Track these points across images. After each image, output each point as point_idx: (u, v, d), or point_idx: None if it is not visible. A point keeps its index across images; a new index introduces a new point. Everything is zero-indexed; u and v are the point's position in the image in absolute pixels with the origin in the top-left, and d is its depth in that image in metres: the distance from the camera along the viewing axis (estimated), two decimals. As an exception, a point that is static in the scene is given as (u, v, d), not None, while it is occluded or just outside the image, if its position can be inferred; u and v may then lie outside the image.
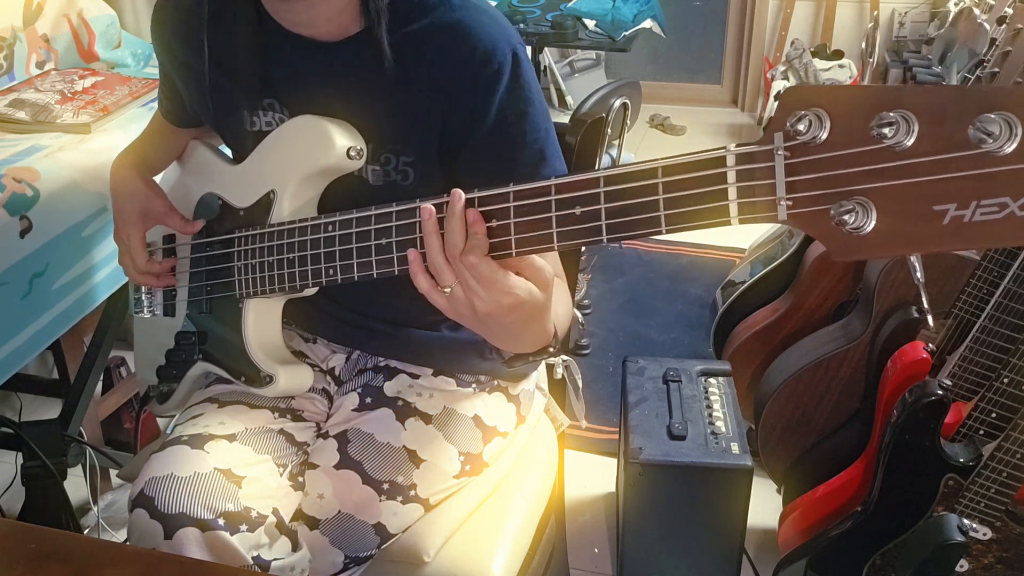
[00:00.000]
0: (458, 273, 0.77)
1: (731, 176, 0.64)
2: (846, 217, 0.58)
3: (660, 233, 0.68)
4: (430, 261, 0.78)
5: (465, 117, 0.95)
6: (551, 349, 0.88)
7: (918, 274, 1.43)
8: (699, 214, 0.66)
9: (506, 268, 0.77)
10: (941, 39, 1.42)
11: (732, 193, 0.64)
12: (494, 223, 0.76)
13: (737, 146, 0.64)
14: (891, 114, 0.56)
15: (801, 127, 0.59)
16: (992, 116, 0.53)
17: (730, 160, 0.64)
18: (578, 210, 0.71)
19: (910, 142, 0.56)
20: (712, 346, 2.14)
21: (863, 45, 2.37)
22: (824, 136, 0.59)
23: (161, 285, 1.15)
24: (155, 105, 1.21)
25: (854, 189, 0.58)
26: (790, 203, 0.61)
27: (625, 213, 0.70)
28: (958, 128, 0.54)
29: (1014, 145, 0.52)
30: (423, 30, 0.94)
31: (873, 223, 0.58)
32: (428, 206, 0.78)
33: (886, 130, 0.56)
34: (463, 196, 0.76)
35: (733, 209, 0.64)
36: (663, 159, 0.68)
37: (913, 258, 1.47)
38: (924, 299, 1.39)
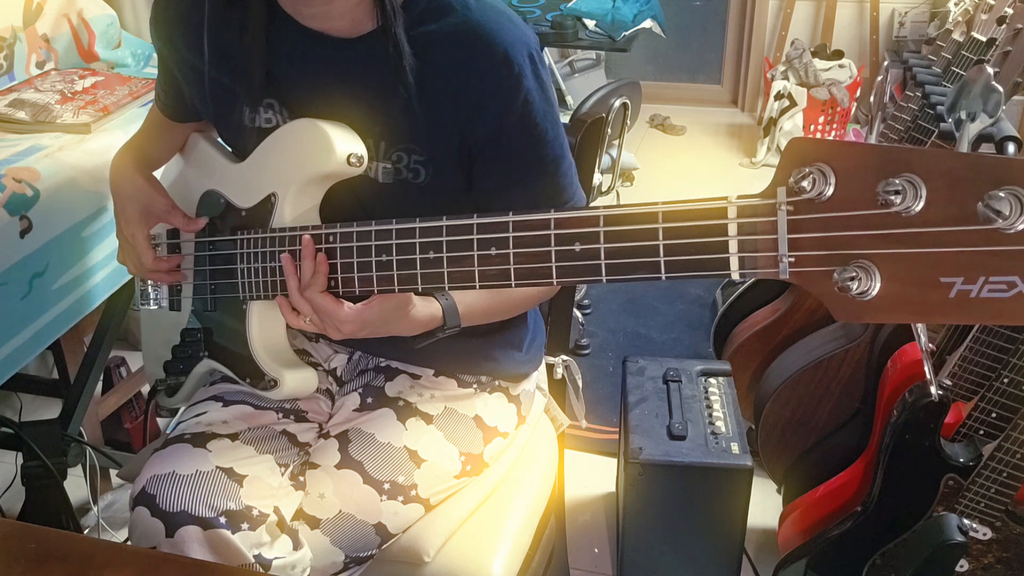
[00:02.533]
0: (311, 306, 0.91)
1: (732, 228, 0.62)
2: (850, 283, 0.57)
3: (660, 279, 0.66)
4: (291, 299, 0.93)
5: (490, 121, 0.96)
6: (446, 328, 0.99)
7: (923, 341, 1.41)
8: (699, 263, 0.64)
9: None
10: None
11: (733, 246, 0.62)
12: (493, 251, 0.75)
13: (739, 197, 0.62)
14: (898, 181, 0.54)
15: (805, 184, 0.58)
16: (1001, 194, 0.51)
17: (731, 212, 0.62)
18: (578, 247, 0.70)
19: (918, 208, 0.54)
20: (712, 346, 2.14)
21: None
22: (830, 192, 0.58)
23: (169, 281, 1.15)
24: (156, 104, 1.21)
25: (859, 253, 0.57)
26: (792, 260, 0.60)
27: (625, 255, 0.68)
28: (968, 201, 0.53)
29: None
30: (441, 30, 0.94)
31: (877, 288, 0.56)
32: (287, 255, 0.92)
33: (893, 196, 0.55)
34: (312, 242, 0.89)
35: (734, 263, 0.63)
36: (663, 203, 0.66)
37: (919, 327, 1.45)
38: (928, 370, 1.36)
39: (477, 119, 0.96)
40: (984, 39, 1.71)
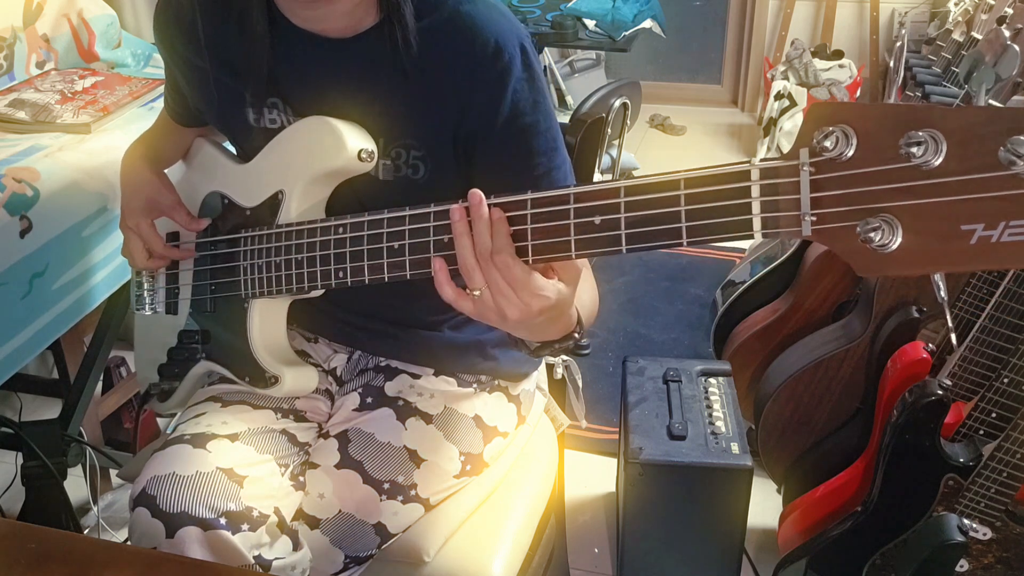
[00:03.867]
0: (488, 275, 0.76)
1: (755, 190, 0.64)
2: (872, 235, 0.58)
3: (681, 245, 0.68)
4: (461, 263, 0.78)
5: (481, 112, 0.95)
6: (576, 335, 0.88)
7: (942, 293, 1.42)
8: (722, 227, 0.66)
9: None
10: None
11: (756, 207, 0.64)
12: (511, 229, 0.76)
13: (762, 160, 0.64)
14: (920, 133, 0.56)
15: (828, 144, 0.59)
16: (1023, 138, 0.52)
17: (755, 174, 0.64)
18: (597, 219, 0.71)
19: (938, 161, 0.56)
20: (712, 346, 2.14)
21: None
22: (851, 153, 0.59)
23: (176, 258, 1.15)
24: (155, 105, 1.22)
25: (880, 207, 0.58)
26: (815, 219, 0.61)
27: (646, 223, 0.69)
28: (988, 149, 0.54)
29: None
30: (432, 25, 0.94)
31: (899, 240, 0.58)
32: (459, 206, 0.77)
33: (914, 149, 0.56)
34: (483, 196, 0.76)
35: (757, 223, 0.64)
36: (685, 171, 0.68)
37: (937, 277, 1.46)
38: (949, 318, 1.37)
39: (468, 111, 0.95)
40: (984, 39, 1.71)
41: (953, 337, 1.33)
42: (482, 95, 0.94)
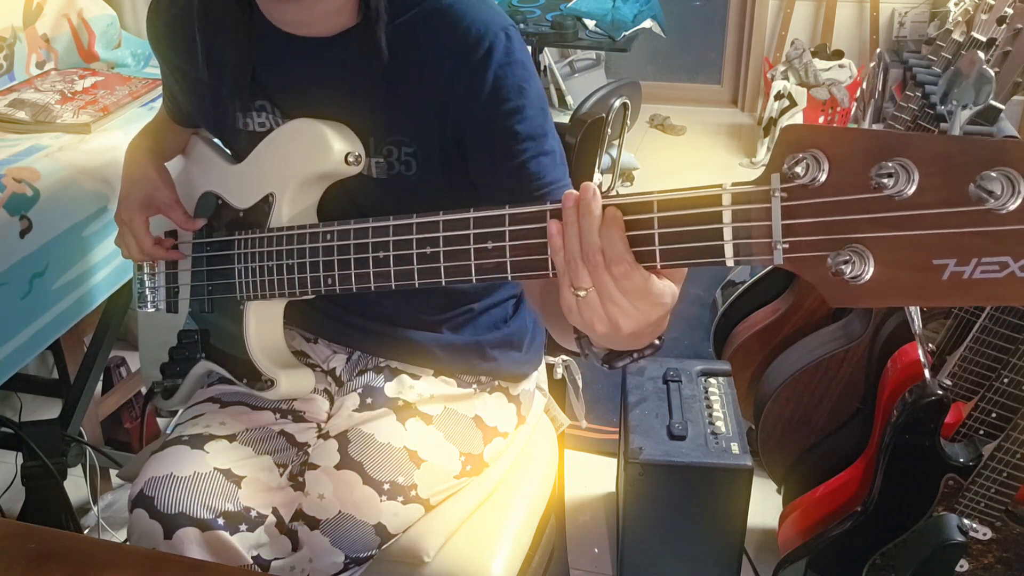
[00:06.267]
0: (597, 280, 0.68)
1: (727, 216, 0.62)
2: (843, 267, 0.57)
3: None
4: (567, 255, 0.69)
5: (464, 98, 0.94)
6: (656, 342, 0.77)
7: (916, 326, 1.42)
8: (694, 251, 0.64)
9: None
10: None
11: (727, 233, 0.62)
12: (489, 244, 0.75)
13: (734, 184, 0.63)
14: (891, 164, 0.55)
15: (799, 170, 0.58)
16: (993, 174, 0.51)
17: (726, 199, 0.62)
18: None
19: (911, 191, 0.55)
20: (712, 346, 2.14)
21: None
22: (823, 178, 0.58)
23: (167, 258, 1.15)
24: (155, 105, 1.22)
25: (852, 237, 0.57)
26: (787, 247, 0.60)
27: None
28: (960, 183, 0.53)
29: (1017, 203, 0.51)
30: (414, 19, 0.94)
31: (871, 272, 0.57)
32: (573, 192, 0.68)
33: (886, 180, 0.55)
34: (596, 190, 0.68)
35: (728, 250, 0.63)
36: (659, 192, 0.66)
37: (911, 309, 1.45)
38: (921, 353, 1.37)
39: (453, 100, 0.94)
40: (984, 39, 1.71)
41: (927, 372, 1.33)
42: (464, 82, 0.93)
